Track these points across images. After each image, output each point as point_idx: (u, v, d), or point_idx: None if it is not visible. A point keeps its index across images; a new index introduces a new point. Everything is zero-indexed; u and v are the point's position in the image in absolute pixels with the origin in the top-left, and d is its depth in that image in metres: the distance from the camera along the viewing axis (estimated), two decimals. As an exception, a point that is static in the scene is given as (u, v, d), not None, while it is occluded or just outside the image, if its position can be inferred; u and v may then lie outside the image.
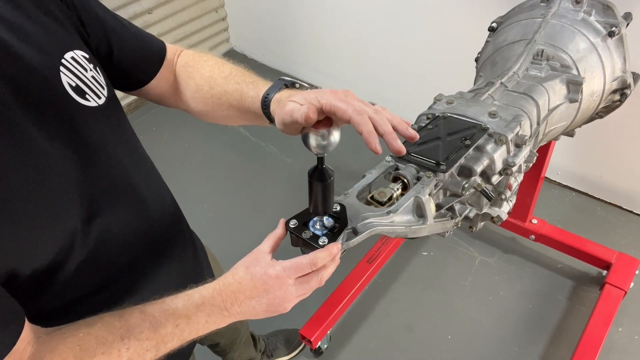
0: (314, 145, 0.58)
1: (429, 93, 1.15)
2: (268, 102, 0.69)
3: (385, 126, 0.57)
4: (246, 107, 0.74)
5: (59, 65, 0.60)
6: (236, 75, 0.78)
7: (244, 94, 0.74)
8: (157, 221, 0.77)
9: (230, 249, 1.28)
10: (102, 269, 0.69)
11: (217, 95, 0.77)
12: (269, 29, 2.93)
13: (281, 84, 0.71)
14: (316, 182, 0.61)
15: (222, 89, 0.77)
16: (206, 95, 0.79)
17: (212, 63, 0.81)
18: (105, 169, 0.65)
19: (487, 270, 1.94)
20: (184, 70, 0.81)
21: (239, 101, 0.75)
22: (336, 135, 0.59)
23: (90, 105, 0.63)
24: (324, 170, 0.61)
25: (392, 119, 0.59)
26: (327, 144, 0.58)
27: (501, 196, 0.97)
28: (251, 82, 0.75)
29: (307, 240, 0.66)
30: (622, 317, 1.73)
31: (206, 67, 0.80)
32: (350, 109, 0.56)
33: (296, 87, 0.72)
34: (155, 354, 0.61)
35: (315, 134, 0.58)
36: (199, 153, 2.58)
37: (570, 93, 1.18)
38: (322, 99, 0.58)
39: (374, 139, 0.55)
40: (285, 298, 0.64)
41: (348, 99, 0.58)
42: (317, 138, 0.58)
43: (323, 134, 0.58)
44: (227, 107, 0.77)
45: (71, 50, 0.62)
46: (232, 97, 0.76)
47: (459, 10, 2.07)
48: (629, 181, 2.06)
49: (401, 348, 1.72)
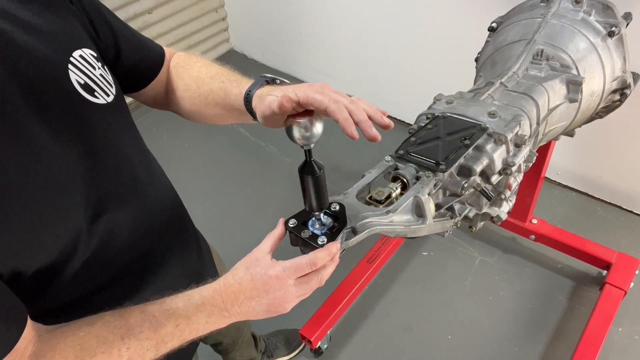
0: (298, 137, 0.60)
1: (428, 93, 1.15)
2: (250, 98, 0.72)
3: (361, 115, 0.59)
4: (230, 105, 0.76)
5: (67, 63, 0.60)
6: (222, 75, 0.80)
7: (228, 92, 0.76)
8: (162, 220, 0.78)
9: (230, 249, 1.28)
10: (106, 267, 0.69)
11: (204, 95, 0.79)
12: (269, 29, 2.93)
13: (262, 80, 0.73)
14: (306, 176, 0.62)
15: (209, 88, 0.79)
16: (194, 94, 0.81)
17: (201, 64, 0.83)
18: (113, 167, 0.66)
19: (487, 270, 1.94)
20: (175, 71, 0.84)
21: (224, 99, 0.77)
22: (318, 126, 0.60)
23: (99, 102, 0.63)
24: (312, 163, 0.61)
25: (368, 109, 0.61)
26: (310, 135, 0.60)
27: (501, 196, 0.97)
28: (235, 80, 0.77)
29: (306, 240, 0.66)
30: (622, 317, 1.73)
31: (194, 68, 0.83)
32: (327, 99, 0.59)
33: (277, 83, 0.73)
34: (155, 354, 0.62)
35: (298, 125, 0.60)
36: (199, 153, 2.58)
37: (570, 93, 1.18)
38: (299, 92, 0.60)
39: (350, 125, 0.58)
40: (285, 298, 0.64)
41: (324, 90, 0.61)
42: (300, 130, 0.60)
43: (305, 125, 0.59)
44: (214, 106, 0.79)
45: (80, 49, 0.62)
46: (218, 96, 0.78)
47: (459, 10, 2.07)
48: (629, 181, 2.06)
49: (401, 348, 1.72)
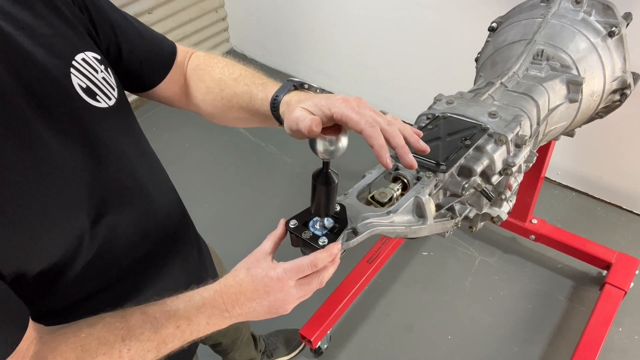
0: (321, 151, 0.58)
1: (429, 93, 1.15)
2: (277, 104, 0.68)
3: (398, 139, 0.56)
4: (255, 109, 0.73)
5: (69, 67, 0.60)
6: (246, 77, 0.77)
7: (253, 96, 0.73)
8: (163, 221, 0.78)
9: (231, 249, 1.28)
10: (108, 269, 0.69)
11: (228, 98, 0.77)
12: (269, 29, 2.92)
13: (290, 85, 0.70)
14: (320, 186, 0.61)
15: (232, 91, 0.76)
16: (216, 97, 0.78)
17: (222, 65, 0.80)
18: (115, 169, 0.66)
19: (487, 270, 1.94)
20: (195, 72, 0.81)
21: (249, 103, 0.74)
22: (344, 141, 0.58)
23: (100, 106, 0.63)
24: (329, 174, 0.61)
25: (404, 130, 0.58)
26: (334, 150, 0.57)
27: (501, 196, 0.97)
28: (261, 83, 0.74)
29: (307, 241, 0.66)
30: (622, 317, 1.73)
31: (216, 70, 0.79)
32: (363, 121, 0.55)
33: (305, 88, 0.71)
34: (156, 355, 0.62)
35: (323, 139, 0.57)
36: (199, 153, 2.58)
37: (570, 93, 1.18)
38: (334, 107, 0.57)
39: (385, 153, 0.54)
40: (286, 300, 0.64)
41: (360, 108, 0.56)
42: (325, 144, 0.57)
43: (331, 140, 0.57)
44: (237, 110, 0.77)
45: (82, 52, 0.62)
46: (242, 99, 0.75)
47: (459, 10, 2.07)
48: (629, 181, 2.06)
49: (401, 348, 1.72)
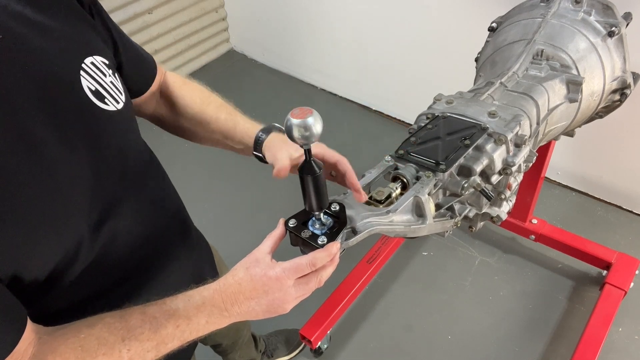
0: (298, 137, 0.58)
1: (428, 93, 1.15)
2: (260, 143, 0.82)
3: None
4: (238, 139, 0.85)
5: (79, 69, 0.60)
6: (224, 105, 0.87)
7: (237, 123, 0.84)
8: (164, 225, 0.78)
9: (230, 249, 1.28)
10: (108, 272, 0.69)
11: (207, 121, 0.85)
12: (269, 29, 2.93)
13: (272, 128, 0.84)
14: (305, 176, 0.62)
15: (214, 115, 0.86)
16: (196, 116, 0.86)
17: (200, 89, 0.89)
18: (119, 174, 0.66)
19: (487, 270, 1.94)
20: (176, 87, 0.87)
21: (233, 130, 0.85)
22: (318, 126, 0.59)
23: (109, 109, 0.64)
24: (312, 162, 0.61)
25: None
26: (309, 135, 0.58)
27: (501, 196, 0.97)
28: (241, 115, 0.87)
29: (306, 240, 0.66)
30: (622, 317, 1.73)
31: (196, 92, 0.88)
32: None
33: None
34: (155, 355, 0.62)
35: (297, 125, 0.58)
36: (199, 153, 2.57)
37: (570, 93, 1.18)
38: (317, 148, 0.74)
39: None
40: (284, 299, 0.64)
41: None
42: (300, 129, 0.58)
43: (305, 125, 0.57)
44: (218, 133, 0.86)
45: (91, 56, 0.63)
46: (226, 126, 0.85)
47: (459, 10, 2.07)
48: (629, 181, 2.06)
49: (401, 348, 1.72)
